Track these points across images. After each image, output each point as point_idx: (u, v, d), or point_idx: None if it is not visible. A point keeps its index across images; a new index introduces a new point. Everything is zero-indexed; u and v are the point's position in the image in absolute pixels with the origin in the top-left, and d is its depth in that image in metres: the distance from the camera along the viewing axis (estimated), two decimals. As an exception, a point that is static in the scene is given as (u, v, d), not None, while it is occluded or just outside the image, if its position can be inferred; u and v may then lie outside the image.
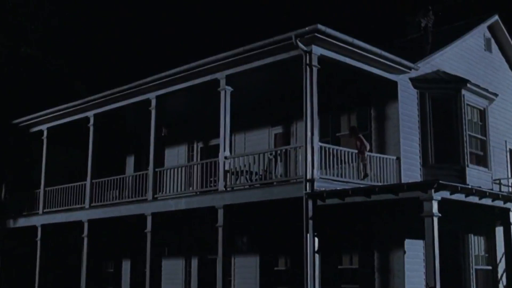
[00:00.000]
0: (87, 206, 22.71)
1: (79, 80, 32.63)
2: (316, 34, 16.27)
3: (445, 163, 19.58)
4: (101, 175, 23.07)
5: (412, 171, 19.04)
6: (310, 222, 15.85)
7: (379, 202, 15.07)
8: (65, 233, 25.50)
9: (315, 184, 16.02)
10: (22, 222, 25.67)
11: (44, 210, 24.63)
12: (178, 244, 23.84)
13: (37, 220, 24.75)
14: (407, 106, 19.31)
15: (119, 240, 25.98)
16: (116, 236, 25.75)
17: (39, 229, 24.46)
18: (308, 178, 16.02)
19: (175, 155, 25.26)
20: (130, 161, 27.37)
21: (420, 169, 19.39)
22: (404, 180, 18.44)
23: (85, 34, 37.51)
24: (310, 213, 15.88)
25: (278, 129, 21.96)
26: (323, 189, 16.00)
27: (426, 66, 20.13)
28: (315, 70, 16.64)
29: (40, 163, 25.29)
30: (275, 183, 17.57)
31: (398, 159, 18.64)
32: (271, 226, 20.23)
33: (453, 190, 14.47)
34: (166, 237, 23.15)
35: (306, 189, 15.99)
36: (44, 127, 25.39)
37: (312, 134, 16.25)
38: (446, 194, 14.31)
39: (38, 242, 24.38)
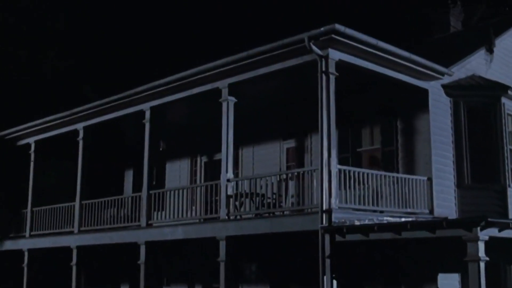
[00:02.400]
0: (76, 230, 20.25)
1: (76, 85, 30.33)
2: (333, 35, 13.65)
3: (483, 183, 17.17)
4: (96, 193, 20.76)
5: (445, 193, 16.55)
6: (327, 261, 13.20)
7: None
8: (54, 259, 22.96)
9: (333, 215, 13.35)
10: (9, 245, 23.29)
11: (32, 233, 22.22)
12: (179, 271, 21.28)
13: (24, 244, 22.34)
14: (439, 118, 16.78)
15: (115, 264, 23.45)
16: (112, 261, 23.22)
17: (26, 254, 22.06)
18: (324, 208, 13.37)
19: (177, 170, 22.84)
20: (129, 176, 24.99)
21: (455, 190, 16.91)
22: (436, 204, 16.09)
23: (83, 37, 35.25)
24: (328, 251, 13.23)
25: (291, 143, 19.44)
26: (343, 221, 13.38)
27: (460, 71, 17.53)
28: (332, 78, 14.02)
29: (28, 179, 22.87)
30: (286, 212, 14.98)
31: (430, 180, 16.08)
32: (283, 256, 17.69)
33: (503, 227, 11.82)
34: (166, 263, 20.73)
35: (322, 222, 13.34)
36: (31, 140, 22.93)
37: (329, 155, 13.58)
38: (494, 231, 11.67)
39: (25, 268, 21.98)
